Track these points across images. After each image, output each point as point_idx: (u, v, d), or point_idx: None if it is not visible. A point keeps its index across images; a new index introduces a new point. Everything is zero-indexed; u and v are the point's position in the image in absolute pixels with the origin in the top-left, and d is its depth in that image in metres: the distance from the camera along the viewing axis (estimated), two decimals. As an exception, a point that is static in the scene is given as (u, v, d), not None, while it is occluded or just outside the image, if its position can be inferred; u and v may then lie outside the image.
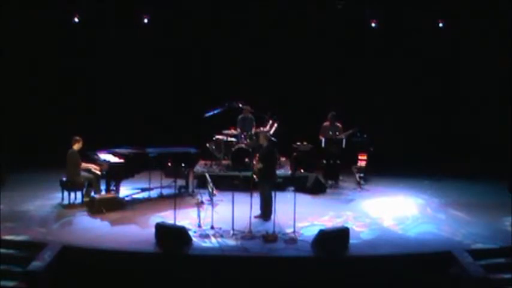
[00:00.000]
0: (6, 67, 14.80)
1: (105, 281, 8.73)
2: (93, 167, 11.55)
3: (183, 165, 11.63)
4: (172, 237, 9.24)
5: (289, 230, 9.68)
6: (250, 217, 9.91)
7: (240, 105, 13.74)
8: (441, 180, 13.76)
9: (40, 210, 11.03)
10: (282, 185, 12.39)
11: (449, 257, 8.94)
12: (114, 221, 10.46)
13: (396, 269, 8.86)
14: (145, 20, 15.14)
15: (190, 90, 15.63)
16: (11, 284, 8.47)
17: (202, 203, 11.00)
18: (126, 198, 11.76)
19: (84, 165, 11.46)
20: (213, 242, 9.36)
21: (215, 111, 13.55)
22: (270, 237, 9.45)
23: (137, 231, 9.91)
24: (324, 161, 13.39)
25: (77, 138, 11.43)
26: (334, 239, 9.21)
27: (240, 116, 13.82)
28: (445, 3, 14.66)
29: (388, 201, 12.13)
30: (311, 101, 15.26)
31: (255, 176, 10.46)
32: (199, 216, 10.07)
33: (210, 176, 10.61)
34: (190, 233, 9.52)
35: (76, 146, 11.37)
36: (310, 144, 13.46)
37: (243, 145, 13.21)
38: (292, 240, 9.42)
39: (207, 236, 9.56)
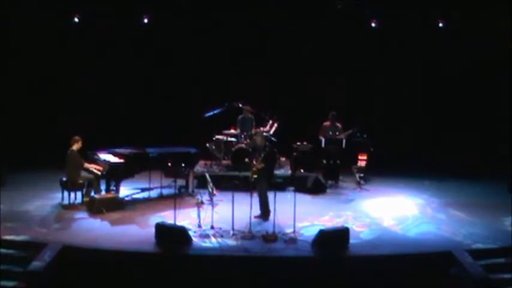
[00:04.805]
0: (6, 67, 14.80)
1: (105, 281, 8.72)
2: (93, 167, 11.55)
3: (183, 165, 11.61)
4: (172, 237, 9.24)
5: (289, 230, 9.67)
6: (250, 217, 9.90)
7: (240, 105, 13.74)
8: (441, 180, 13.76)
9: (40, 210, 11.03)
10: (282, 185, 12.41)
11: (449, 257, 8.94)
12: (114, 221, 10.46)
13: (396, 269, 8.85)
14: (145, 20, 15.14)
15: (190, 90, 15.62)
16: (11, 284, 8.47)
17: (202, 203, 10.95)
18: (126, 198, 11.76)
19: (86, 165, 11.46)
20: (213, 242, 9.36)
21: (215, 111, 13.55)
22: (270, 237, 9.45)
23: (137, 231, 9.91)
24: (324, 161, 13.39)
25: (77, 138, 11.42)
26: (334, 239, 9.22)
27: (240, 116, 13.82)
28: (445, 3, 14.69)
29: (388, 201, 12.13)
30: (311, 101, 15.24)
31: (251, 175, 10.45)
32: (199, 216, 10.06)
33: (210, 176, 10.62)
34: (190, 233, 9.52)
35: (75, 146, 11.35)
36: (310, 144, 13.47)
37: (243, 145, 13.20)
38: (292, 240, 9.41)
39: (207, 236, 9.56)
